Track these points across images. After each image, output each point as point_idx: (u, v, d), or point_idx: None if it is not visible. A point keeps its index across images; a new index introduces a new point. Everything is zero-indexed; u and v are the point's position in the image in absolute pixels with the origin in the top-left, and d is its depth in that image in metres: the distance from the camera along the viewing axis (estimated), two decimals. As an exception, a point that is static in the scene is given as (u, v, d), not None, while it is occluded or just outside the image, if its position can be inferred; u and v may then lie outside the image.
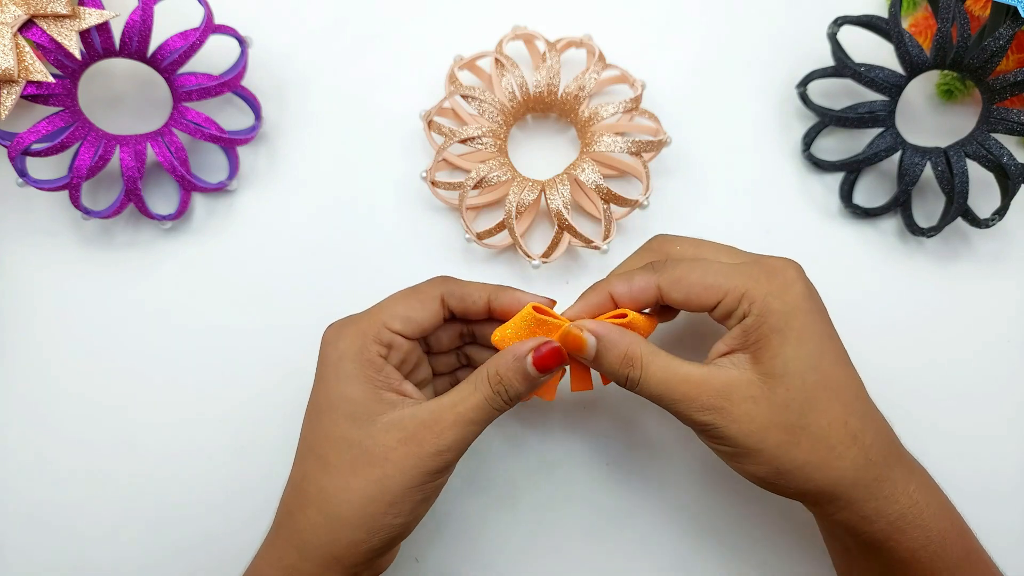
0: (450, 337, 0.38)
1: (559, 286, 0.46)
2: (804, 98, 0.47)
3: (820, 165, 0.48)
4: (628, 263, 0.38)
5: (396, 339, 0.35)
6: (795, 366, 0.32)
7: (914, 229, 0.46)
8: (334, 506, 0.32)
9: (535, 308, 0.34)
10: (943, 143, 0.45)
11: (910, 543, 0.32)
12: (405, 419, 0.32)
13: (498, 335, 0.35)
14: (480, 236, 0.44)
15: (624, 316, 0.35)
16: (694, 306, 0.34)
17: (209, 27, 0.43)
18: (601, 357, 0.34)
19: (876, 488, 0.32)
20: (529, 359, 0.33)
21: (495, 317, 0.36)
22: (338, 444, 0.33)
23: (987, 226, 0.44)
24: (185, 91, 0.44)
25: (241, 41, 0.45)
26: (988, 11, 0.44)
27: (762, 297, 0.32)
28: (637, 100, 0.45)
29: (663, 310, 0.37)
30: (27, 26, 0.40)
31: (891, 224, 0.48)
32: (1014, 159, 0.42)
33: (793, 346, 0.32)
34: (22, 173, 0.42)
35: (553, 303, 0.37)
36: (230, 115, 0.48)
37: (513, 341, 0.35)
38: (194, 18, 0.43)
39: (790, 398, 0.31)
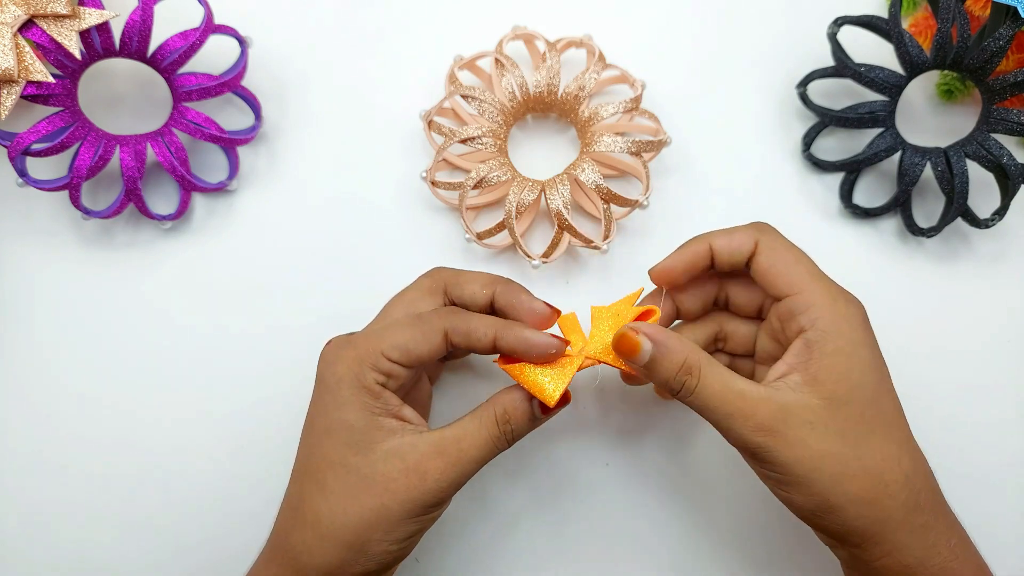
0: (439, 352, 0.36)
1: (559, 286, 0.46)
2: (804, 98, 0.47)
3: (820, 165, 0.48)
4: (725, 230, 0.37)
5: (395, 368, 0.33)
6: (858, 395, 0.31)
7: (914, 229, 0.46)
8: (330, 529, 0.32)
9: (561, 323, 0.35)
10: (943, 143, 0.45)
11: None
12: (405, 449, 0.32)
13: (507, 367, 0.34)
14: (480, 236, 0.44)
15: (651, 313, 0.35)
16: (769, 285, 0.34)
17: (209, 27, 0.43)
18: (656, 363, 0.32)
19: (923, 535, 0.31)
20: (536, 403, 0.33)
21: (501, 353, 0.34)
22: (336, 469, 0.32)
23: (987, 226, 0.44)
24: (185, 91, 0.44)
25: (241, 41, 0.45)
26: (988, 11, 0.44)
27: (832, 317, 0.32)
28: (637, 100, 0.45)
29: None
30: (27, 26, 0.40)
31: (891, 224, 0.48)
32: (1014, 159, 0.42)
33: (858, 374, 0.31)
34: (22, 173, 0.42)
35: (557, 313, 0.35)
36: (230, 115, 0.48)
37: (519, 365, 0.34)
38: (194, 18, 0.43)
39: (848, 428, 0.30)
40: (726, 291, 0.38)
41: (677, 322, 0.40)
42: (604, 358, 0.34)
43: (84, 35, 0.41)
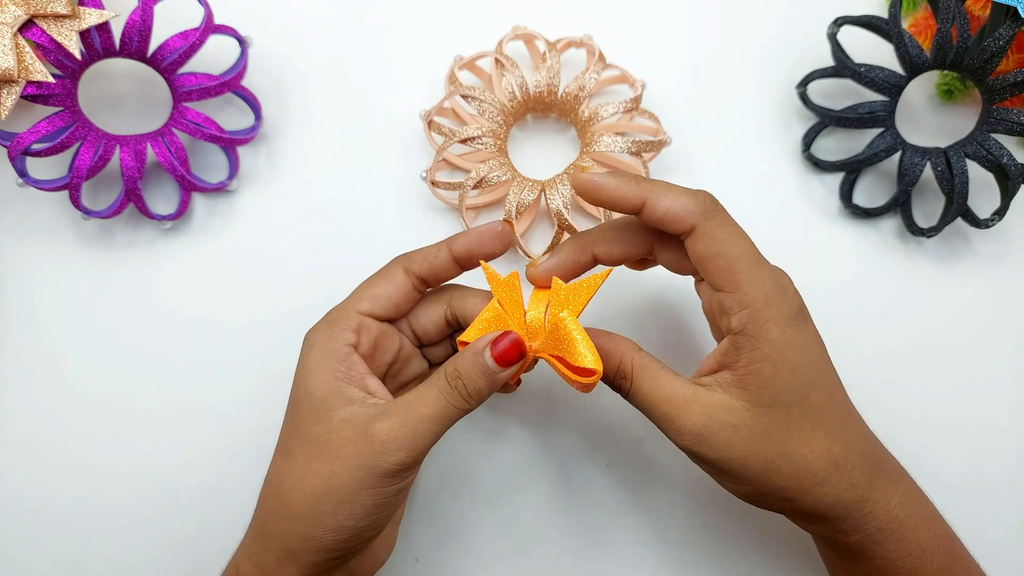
0: (436, 324, 0.37)
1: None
2: (804, 98, 0.47)
3: (820, 165, 0.48)
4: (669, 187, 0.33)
5: (366, 321, 0.34)
6: (783, 398, 0.31)
7: (914, 229, 0.46)
8: (288, 496, 0.32)
9: (499, 302, 0.33)
10: (943, 143, 0.45)
11: (888, 554, 0.32)
12: (358, 417, 0.32)
13: (463, 338, 0.34)
14: (480, 236, 0.44)
15: (591, 373, 0.32)
16: (706, 272, 0.32)
17: (209, 27, 0.43)
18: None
19: (855, 508, 0.32)
20: (487, 353, 0.32)
21: (461, 264, 0.35)
22: (300, 437, 0.33)
23: (987, 226, 0.44)
24: (185, 91, 0.44)
25: (241, 41, 0.45)
26: (988, 11, 0.44)
27: (762, 322, 0.31)
28: (637, 100, 0.45)
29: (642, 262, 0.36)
30: (27, 26, 0.40)
31: (891, 224, 0.48)
32: (1014, 159, 0.42)
33: (784, 378, 0.31)
34: (22, 173, 0.42)
35: (510, 224, 0.35)
36: (230, 115, 0.48)
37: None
38: (194, 18, 0.43)
39: (772, 428, 0.31)
40: (656, 252, 0.35)
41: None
42: (553, 352, 0.33)
43: (84, 35, 0.41)
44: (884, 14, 0.45)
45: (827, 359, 0.33)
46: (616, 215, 0.41)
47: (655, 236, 0.35)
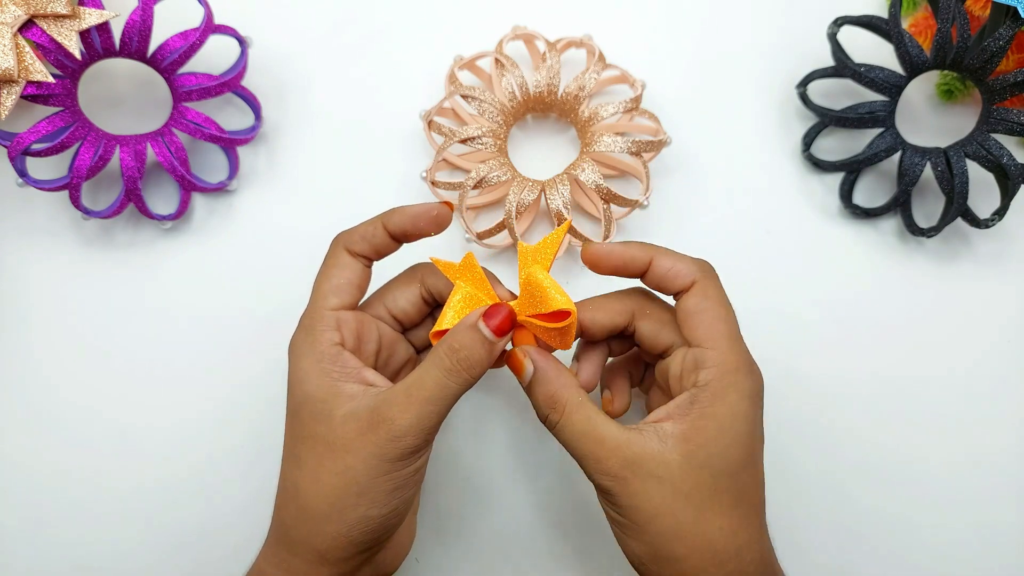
0: (413, 304, 0.37)
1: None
2: (804, 98, 0.47)
3: (820, 165, 0.48)
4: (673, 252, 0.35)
5: (341, 315, 0.34)
6: (718, 463, 0.31)
7: (914, 229, 0.46)
8: (307, 501, 0.32)
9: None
10: (943, 143, 0.45)
11: None
12: (360, 409, 0.32)
13: (437, 328, 0.34)
14: (480, 236, 0.44)
15: (567, 314, 0.32)
16: (691, 327, 0.33)
17: (209, 27, 0.43)
18: (532, 388, 0.33)
19: None
20: (482, 324, 0.32)
21: (399, 240, 0.36)
22: (307, 442, 0.33)
23: (987, 226, 0.44)
24: (185, 91, 0.44)
25: (241, 41, 0.45)
26: (988, 11, 0.44)
27: (725, 385, 0.32)
28: (637, 100, 0.45)
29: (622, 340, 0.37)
30: (27, 26, 0.40)
31: (891, 224, 0.48)
32: (1014, 159, 0.42)
33: (726, 444, 0.31)
34: (22, 173, 0.42)
35: (448, 205, 0.36)
36: (230, 115, 0.48)
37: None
38: (194, 18, 0.43)
39: (695, 492, 0.31)
40: (635, 321, 0.36)
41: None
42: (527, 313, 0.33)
43: (84, 35, 0.41)
44: (884, 14, 0.45)
45: (762, 449, 0.33)
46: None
47: (636, 306, 0.36)
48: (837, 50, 0.45)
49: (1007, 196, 0.43)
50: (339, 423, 0.32)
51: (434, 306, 0.38)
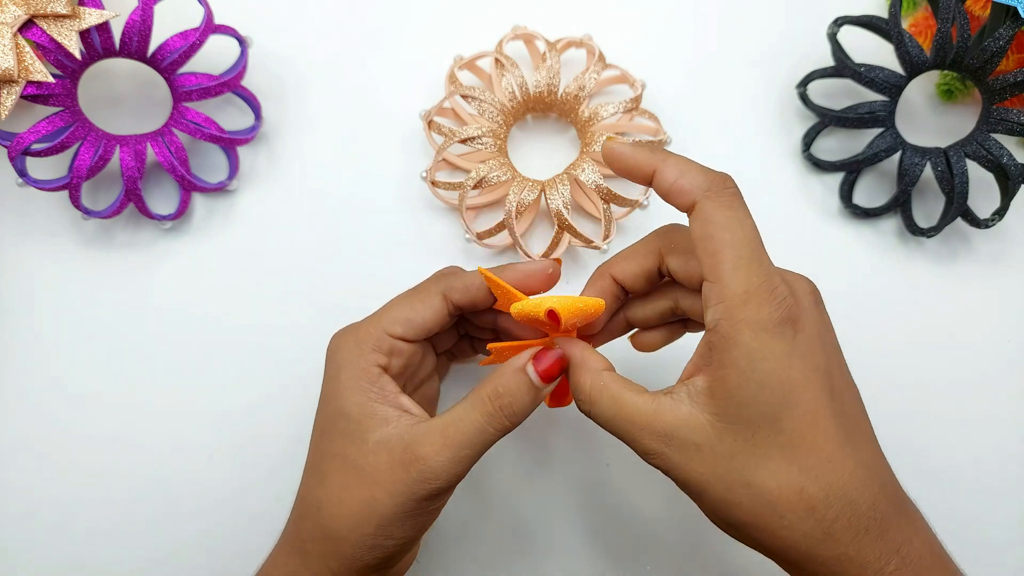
0: (438, 320, 0.35)
1: (559, 286, 0.46)
2: (804, 98, 0.47)
3: (820, 165, 0.48)
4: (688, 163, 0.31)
5: (398, 345, 0.33)
6: (748, 414, 0.27)
7: (914, 229, 0.46)
8: (328, 520, 0.32)
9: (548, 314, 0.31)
10: (943, 143, 0.45)
11: None
12: (393, 440, 0.31)
13: (514, 308, 0.32)
14: (480, 236, 0.44)
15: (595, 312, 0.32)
16: (696, 255, 0.29)
17: (209, 27, 0.43)
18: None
19: (837, 567, 0.27)
20: (531, 368, 0.31)
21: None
22: (335, 460, 0.32)
23: (987, 226, 0.44)
24: (185, 91, 0.44)
25: (241, 41, 0.45)
26: (988, 11, 0.44)
27: (734, 321, 0.27)
28: (637, 100, 0.45)
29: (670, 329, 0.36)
30: (27, 26, 0.40)
31: (891, 224, 0.48)
32: (1014, 159, 0.42)
33: (751, 390, 0.27)
34: (22, 173, 0.42)
35: (558, 262, 0.34)
36: (230, 115, 0.48)
37: (510, 351, 0.33)
38: (194, 18, 0.43)
39: (737, 451, 0.27)
40: (665, 259, 0.34)
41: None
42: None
43: (84, 35, 0.41)
44: (884, 14, 0.45)
45: (818, 381, 0.28)
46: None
47: (662, 242, 0.33)
48: (837, 50, 0.45)
49: (1007, 196, 0.43)
50: (371, 449, 0.31)
51: (455, 314, 0.35)
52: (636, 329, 0.37)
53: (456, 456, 0.30)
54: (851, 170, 0.47)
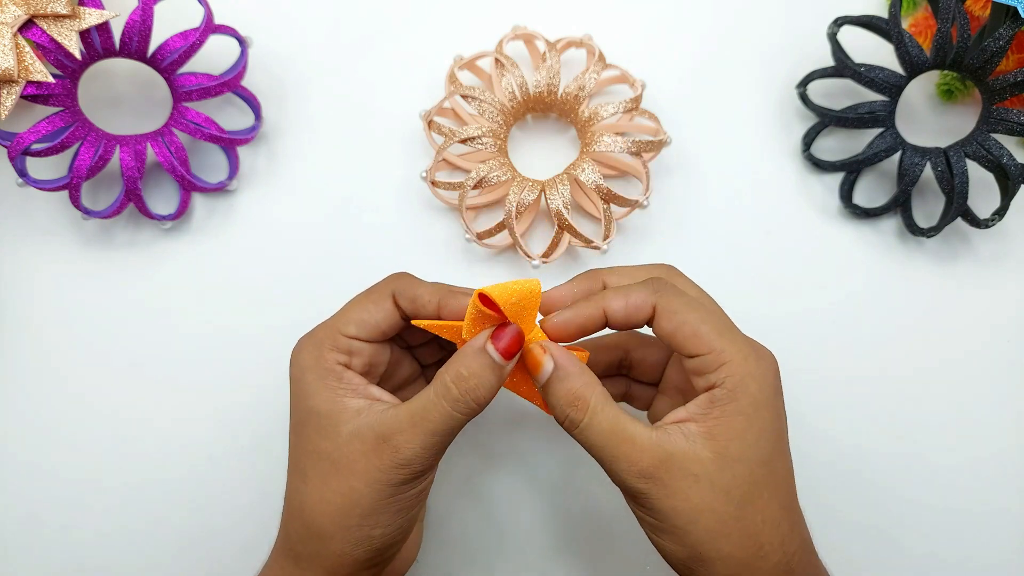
0: (392, 324, 0.35)
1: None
2: (804, 98, 0.47)
3: (820, 165, 0.48)
4: (625, 274, 0.35)
5: (355, 344, 0.33)
6: (751, 454, 0.30)
7: (914, 229, 0.46)
8: (312, 517, 0.32)
9: (482, 299, 0.31)
10: (943, 143, 0.45)
11: None
12: (364, 429, 0.31)
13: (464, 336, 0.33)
14: (480, 236, 0.44)
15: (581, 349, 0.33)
16: (677, 345, 0.32)
17: (209, 27, 0.43)
18: (551, 386, 0.32)
19: None
20: (491, 347, 0.31)
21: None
22: (312, 457, 0.32)
23: (987, 226, 0.44)
24: (185, 91, 0.44)
25: (241, 41, 0.45)
26: (988, 11, 0.44)
27: (741, 376, 0.30)
28: (637, 100, 0.45)
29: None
30: (27, 26, 0.40)
31: (891, 224, 0.48)
32: (1014, 159, 0.42)
33: (755, 434, 0.30)
34: (22, 173, 0.42)
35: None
36: (230, 115, 0.48)
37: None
38: (194, 18, 0.43)
39: (734, 486, 0.30)
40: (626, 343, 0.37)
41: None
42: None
43: (84, 35, 0.41)
44: (884, 14, 0.45)
45: (786, 432, 0.32)
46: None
47: (626, 341, 0.35)
48: (837, 50, 0.45)
49: (1007, 196, 0.43)
50: (345, 441, 0.31)
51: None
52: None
53: (426, 442, 0.31)
54: (851, 170, 0.47)
